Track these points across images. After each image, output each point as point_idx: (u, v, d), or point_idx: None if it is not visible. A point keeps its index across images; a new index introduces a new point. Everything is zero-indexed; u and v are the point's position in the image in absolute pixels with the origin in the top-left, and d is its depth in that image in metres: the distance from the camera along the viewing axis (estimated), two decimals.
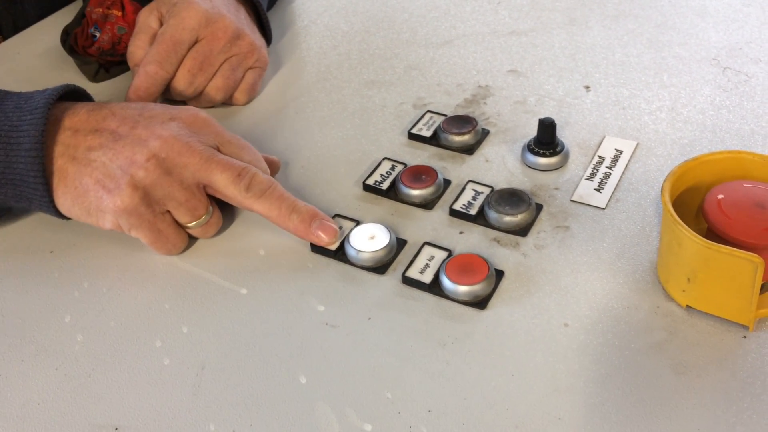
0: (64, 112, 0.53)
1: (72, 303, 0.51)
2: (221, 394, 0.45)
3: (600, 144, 0.62)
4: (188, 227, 0.54)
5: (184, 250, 0.55)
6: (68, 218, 0.53)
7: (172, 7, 0.67)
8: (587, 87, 0.70)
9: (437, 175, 0.58)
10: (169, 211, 0.53)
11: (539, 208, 0.56)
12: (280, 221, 0.53)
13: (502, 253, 0.53)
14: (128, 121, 0.53)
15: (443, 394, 0.44)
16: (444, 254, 0.53)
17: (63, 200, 0.52)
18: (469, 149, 0.63)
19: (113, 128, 0.52)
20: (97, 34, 0.72)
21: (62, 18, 0.83)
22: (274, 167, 0.59)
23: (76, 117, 0.53)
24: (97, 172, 0.51)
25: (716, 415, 0.43)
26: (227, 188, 0.52)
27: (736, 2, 0.81)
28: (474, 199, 0.57)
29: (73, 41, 0.73)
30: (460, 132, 0.63)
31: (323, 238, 0.53)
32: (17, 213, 0.59)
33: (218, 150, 0.54)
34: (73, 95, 0.57)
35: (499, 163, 0.61)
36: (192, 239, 0.56)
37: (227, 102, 0.70)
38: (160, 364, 0.47)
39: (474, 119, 0.64)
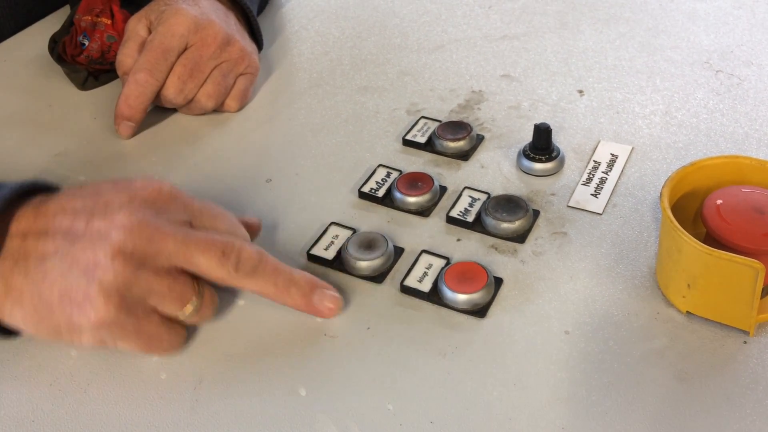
0: (12, 214, 0.45)
1: None
2: (220, 408, 0.44)
3: (595, 149, 0.62)
4: (180, 319, 0.46)
5: (184, 346, 0.48)
6: (16, 335, 0.46)
7: (161, 14, 0.66)
8: (581, 91, 0.69)
9: (433, 182, 0.58)
10: (154, 308, 0.45)
11: (536, 214, 0.56)
12: (277, 298, 0.47)
13: (501, 261, 0.53)
14: (82, 215, 0.44)
15: (445, 404, 0.44)
16: (442, 262, 0.52)
17: (24, 323, 0.44)
18: (464, 155, 0.62)
19: (66, 227, 0.44)
20: (86, 43, 0.71)
21: (49, 26, 0.82)
22: (254, 231, 0.53)
23: (23, 219, 0.45)
24: (58, 285, 0.43)
25: (718, 421, 0.42)
26: (213, 271, 0.45)
27: (726, 5, 0.81)
28: (471, 205, 0.57)
29: (61, 49, 0.72)
30: (455, 138, 0.62)
31: (326, 312, 0.48)
32: None
33: (191, 225, 0.46)
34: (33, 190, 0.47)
35: (495, 169, 0.61)
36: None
37: (218, 109, 0.69)
38: (157, 379, 0.46)
39: (468, 125, 0.64)
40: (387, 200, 0.58)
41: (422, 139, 0.64)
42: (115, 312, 0.43)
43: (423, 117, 0.66)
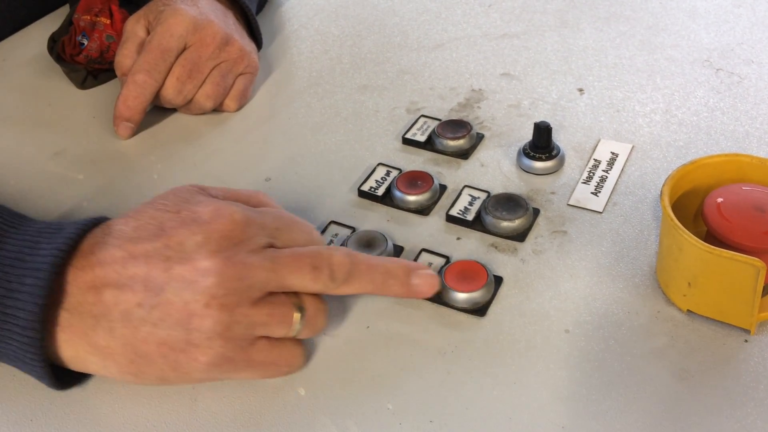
0: (68, 265, 0.41)
1: None
2: (219, 408, 0.44)
3: (595, 147, 0.62)
4: (292, 336, 0.44)
5: (306, 359, 0.46)
6: (75, 383, 0.44)
7: (159, 14, 0.66)
8: (581, 90, 0.69)
9: (433, 181, 0.58)
10: (261, 336, 0.43)
11: (536, 212, 0.56)
12: (377, 293, 0.46)
13: (501, 259, 0.53)
14: (156, 261, 0.41)
15: (445, 404, 0.44)
16: (442, 261, 0.52)
17: (122, 375, 0.42)
18: (464, 154, 0.62)
19: (143, 276, 0.41)
20: (85, 42, 0.71)
21: (48, 25, 0.82)
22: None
23: (86, 271, 0.41)
24: (153, 338, 0.40)
25: (719, 420, 0.42)
26: (308, 287, 0.43)
27: (726, 3, 0.81)
28: (470, 204, 0.56)
29: (60, 49, 0.72)
30: (455, 136, 0.62)
31: (427, 292, 0.47)
32: None
33: (272, 246, 0.44)
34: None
35: (495, 168, 0.61)
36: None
37: (218, 109, 0.69)
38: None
39: (468, 123, 0.63)
40: (387, 199, 0.58)
41: (422, 138, 0.64)
42: (222, 351, 0.41)
43: (423, 115, 0.66)
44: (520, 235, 0.54)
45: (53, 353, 0.42)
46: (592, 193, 0.57)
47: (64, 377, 0.44)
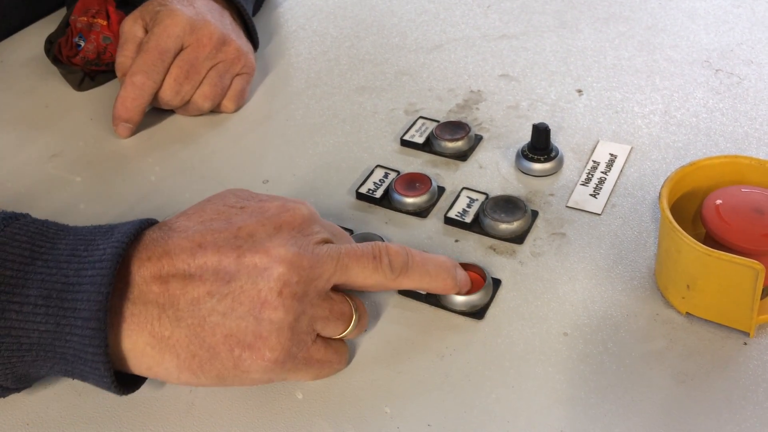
0: (131, 257, 0.41)
1: None
2: (215, 412, 0.44)
3: (594, 149, 0.62)
4: (345, 334, 0.44)
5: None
6: (131, 391, 0.42)
7: (156, 15, 0.66)
8: (580, 91, 0.69)
9: (431, 183, 0.58)
10: (318, 332, 0.43)
11: (535, 214, 0.56)
12: (431, 287, 0.47)
13: (499, 262, 0.52)
14: (227, 250, 0.40)
15: (443, 407, 0.44)
16: None
17: (179, 371, 0.40)
18: (462, 155, 0.62)
19: (214, 266, 0.40)
20: (82, 44, 0.71)
21: (45, 27, 0.81)
22: None
23: (153, 261, 0.40)
24: (222, 329, 0.39)
25: (718, 423, 0.42)
26: (369, 278, 0.43)
27: (726, 4, 0.80)
28: (469, 206, 0.56)
29: (57, 51, 0.72)
30: (453, 138, 0.62)
31: (467, 287, 0.48)
32: None
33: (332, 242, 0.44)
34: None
35: (493, 170, 0.61)
36: None
37: (215, 110, 0.69)
38: (154, 381, 0.46)
39: (467, 125, 0.63)
40: (385, 201, 0.58)
41: (420, 140, 0.63)
42: (288, 347, 0.40)
43: (421, 117, 0.66)
44: (518, 238, 0.54)
45: (111, 350, 0.40)
46: (590, 194, 0.57)
47: (123, 383, 0.41)
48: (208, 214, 0.43)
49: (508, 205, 0.55)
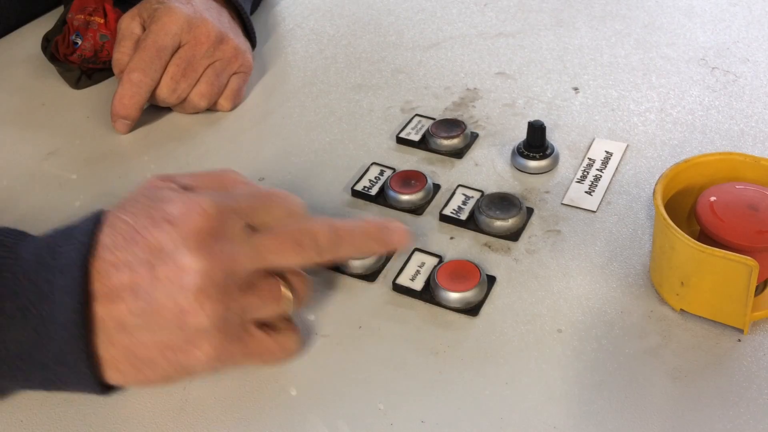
0: (87, 269, 0.41)
1: None
2: (209, 408, 0.44)
3: (590, 146, 0.62)
4: (285, 314, 0.45)
5: (302, 345, 0.47)
6: (112, 392, 0.43)
7: (153, 12, 0.66)
8: (576, 89, 0.69)
9: (426, 180, 0.58)
10: (255, 320, 0.43)
11: (530, 212, 0.56)
12: (360, 256, 0.49)
13: (494, 259, 0.52)
14: (138, 268, 0.40)
15: (436, 404, 0.44)
16: (435, 260, 0.52)
17: (127, 382, 0.42)
18: (458, 153, 0.62)
19: (128, 284, 0.40)
20: (79, 42, 0.71)
21: (42, 25, 0.81)
22: None
23: (95, 277, 0.41)
24: (152, 343, 0.41)
25: (712, 420, 0.42)
26: (293, 261, 0.44)
27: (722, 2, 0.80)
28: (464, 203, 0.56)
29: (54, 48, 0.72)
30: (449, 136, 0.62)
31: (403, 244, 0.47)
32: None
33: (250, 228, 0.43)
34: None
35: (489, 167, 0.61)
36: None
37: (212, 108, 0.69)
38: None
39: (463, 122, 0.63)
40: (380, 198, 0.58)
41: (416, 137, 0.63)
42: (219, 345, 0.41)
43: (417, 115, 0.66)
44: (513, 235, 0.54)
45: None
46: (586, 192, 0.57)
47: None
48: (118, 226, 0.42)
49: (504, 202, 0.55)
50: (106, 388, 0.42)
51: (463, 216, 0.55)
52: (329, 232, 0.44)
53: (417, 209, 0.57)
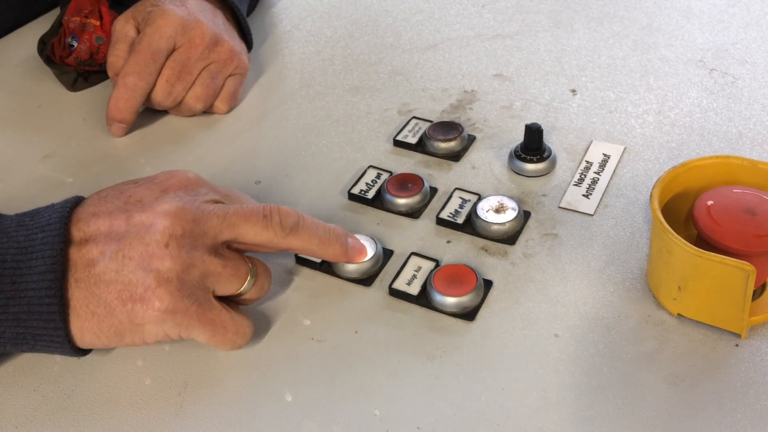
0: (66, 233, 0.44)
1: None
2: (205, 413, 0.44)
3: (587, 149, 0.62)
4: (241, 295, 0.46)
5: (251, 338, 0.47)
6: (87, 353, 0.45)
7: (148, 15, 0.66)
8: (573, 91, 0.69)
9: (423, 183, 0.57)
10: (213, 294, 0.45)
11: (527, 215, 0.56)
12: (320, 250, 0.48)
13: (491, 263, 0.52)
14: (117, 214, 0.44)
15: (432, 409, 0.43)
16: (431, 264, 0.52)
17: (83, 332, 0.43)
18: (455, 156, 0.62)
19: (106, 229, 0.43)
20: (75, 44, 0.71)
21: (38, 27, 0.81)
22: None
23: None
24: (115, 285, 0.42)
25: (709, 425, 0.42)
26: (259, 235, 0.45)
27: (721, 3, 0.80)
28: (461, 207, 0.56)
29: (50, 51, 0.72)
30: (446, 138, 0.62)
31: (361, 257, 0.51)
32: None
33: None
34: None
35: (486, 170, 0.60)
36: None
37: (208, 111, 0.69)
38: (142, 384, 0.46)
39: (460, 125, 0.63)
40: (377, 202, 0.58)
41: (413, 140, 0.63)
42: (177, 297, 0.42)
43: (414, 117, 0.66)
44: (510, 238, 0.54)
45: None
46: (583, 195, 0.57)
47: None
48: (113, 190, 0.46)
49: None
50: (75, 348, 0.43)
51: (460, 219, 0.55)
52: (295, 214, 0.47)
53: (414, 213, 0.56)
